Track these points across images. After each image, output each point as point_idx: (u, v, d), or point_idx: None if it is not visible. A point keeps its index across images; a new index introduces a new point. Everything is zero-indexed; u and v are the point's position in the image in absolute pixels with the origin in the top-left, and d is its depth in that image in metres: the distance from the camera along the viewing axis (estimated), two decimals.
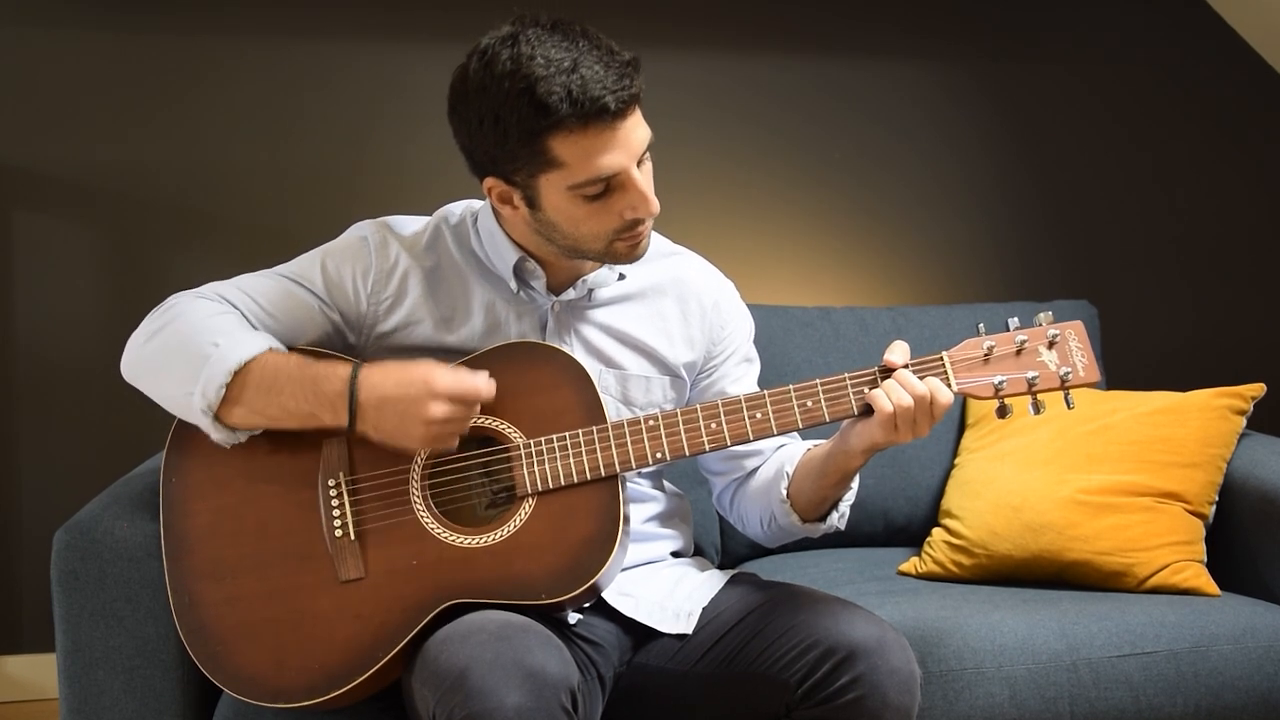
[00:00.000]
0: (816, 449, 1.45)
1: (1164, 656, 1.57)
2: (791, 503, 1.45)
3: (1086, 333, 1.35)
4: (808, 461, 1.44)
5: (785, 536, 1.52)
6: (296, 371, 1.31)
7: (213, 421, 1.31)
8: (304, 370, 1.31)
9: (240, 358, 1.29)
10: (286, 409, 1.31)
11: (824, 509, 1.45)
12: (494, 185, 1.35)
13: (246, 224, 2.48)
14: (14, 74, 2.40)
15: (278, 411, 1.31)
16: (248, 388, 1.30)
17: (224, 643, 1.31)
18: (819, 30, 2.68)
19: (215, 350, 1.30)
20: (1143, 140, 2.80)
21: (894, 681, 1.26)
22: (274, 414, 1.31)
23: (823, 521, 1.46)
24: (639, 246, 1.37)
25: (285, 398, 1.30)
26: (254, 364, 1.30)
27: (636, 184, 1.31)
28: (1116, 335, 2.48)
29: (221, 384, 1.29)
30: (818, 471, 1.41)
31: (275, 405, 1.31)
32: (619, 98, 1.25)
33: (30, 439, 2.44)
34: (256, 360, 1.30)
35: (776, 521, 1.48)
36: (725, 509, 1.60)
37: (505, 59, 1.26)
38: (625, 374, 1.47)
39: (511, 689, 1.15)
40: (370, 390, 1.29)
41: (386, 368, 1.31)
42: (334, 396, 1.30)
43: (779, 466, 1.48)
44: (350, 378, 1.30)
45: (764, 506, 1.49)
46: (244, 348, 1.31)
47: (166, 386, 1.33)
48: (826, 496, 1.43)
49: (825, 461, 1.40)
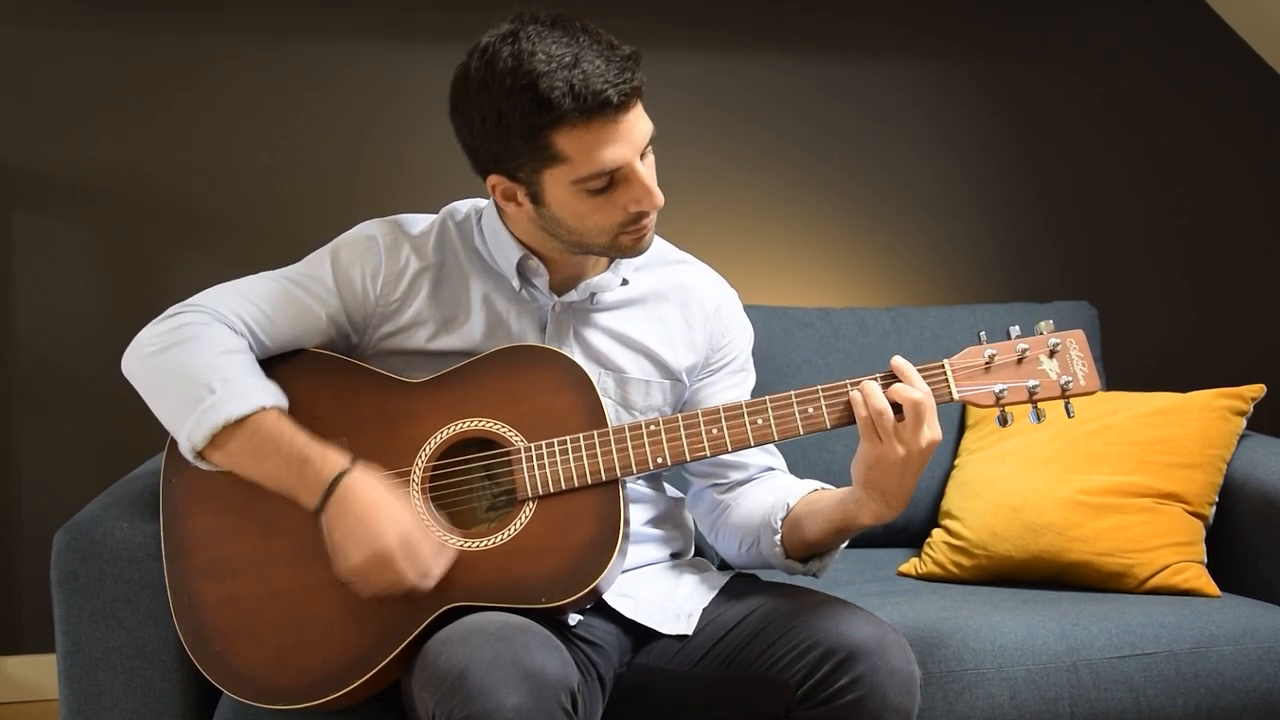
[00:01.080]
0: (824, 494, 1.43)
1: (1164, 657, 1.57)
2: (784, 536, 1.43)
3: (1087, 341, 1.35)
4: (812, 502, 1.42)
5: (760, 565, 1.50)
6: (286, 447, 1.30)
7: (194, 457, 1.32)
8: (294, 447, 1.30)
9: (233, 414, 1.29)
10: (267, 475, 1.31)
11: (809, 553, 1.44)
12: (498, 183, 1.35)
13: (247, 224, 2.48)
14: (14, 74, 2.40)
15: (257, 474, 1.31)
16: (234, 441, 1.30)
17: (224, 643, 1.31)
18: (819, 30, 2.68)
19: (211, 396, 1.29)
20: (1143, 141, 2.80)
21: (894, 682, 1.26)
22: (253, 475, 1.31)
23: (803, 563, 1.45)
24: (644, 239, 1.37)
25: (268, 467, 1.30)
26: (247, 422, 1.29)
27: (640, 177, 1.31)
28: (1116, 336, 2.48)
29: (209, 434, 1.29)
30: (822, 516, 1.39)
31: (256, 469, 1.31)
32: (621, 91, 1.26)
33: (30, 439, 2.44)
34: (250, 419, 1.29)
35: (759, 548, 1.46)
36: (699, 514, 1.58)
37: (506, 56, 1.26)
38: (625, 377, 1.47)
39: (511, 690, 1.15)
40: (345, 496, 1.28)
41: (375, 487, 1.29)
42: (315, 485, 1.29)
43: (777, 498, 1.45)
44: (337, 477, 1.28)
45: (748, 531, 1.47)
46: (240, 402, 1.29)
47: (159, 405, 1.34)
48: (818, 541, 1.41)
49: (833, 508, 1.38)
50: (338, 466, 1.29)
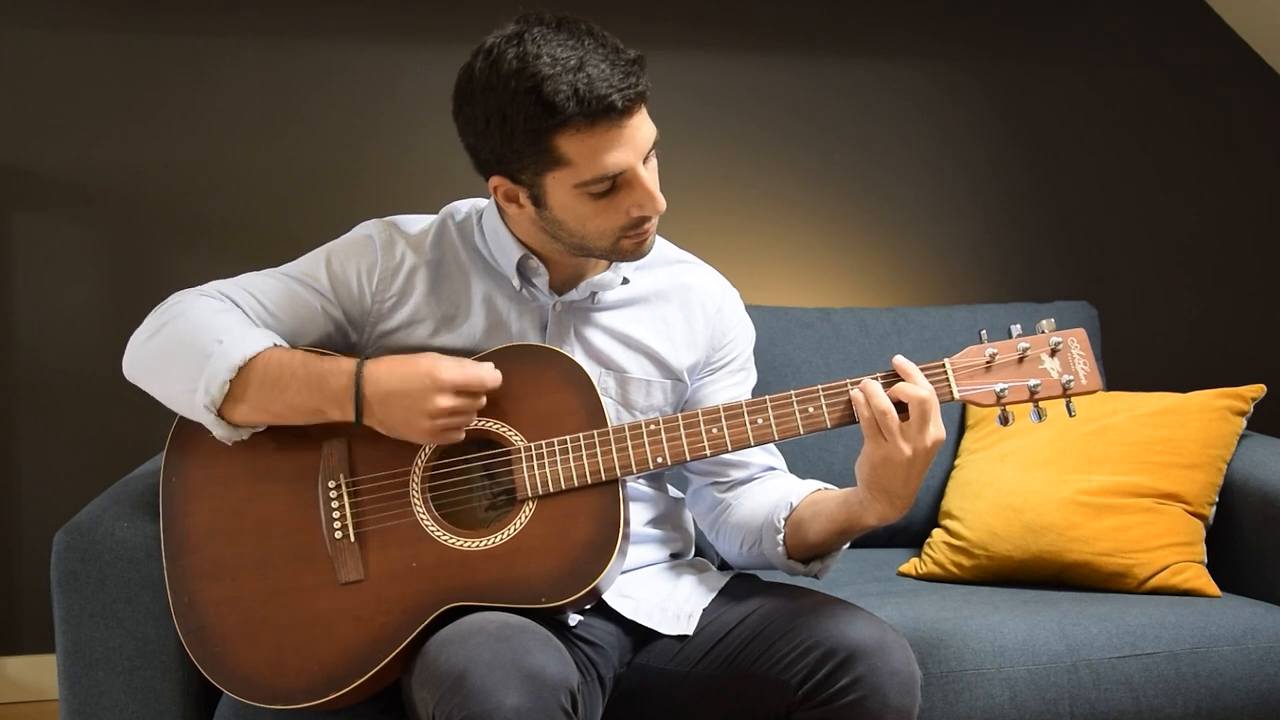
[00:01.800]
0: (827, 494, 1.42)
1: (1164, 658, 1.57)
2: (786, 536, 1.43)
3: (1089, 340, 1.35)
4: (815, 502, 1.42)
5: (762, 565, 1.50)
6: (301, 368, 1.31)
7: (216, 418, 1.31)
8: (309, 367, 1.31)
9: (244, 354, 1.29)
10: (292, 405, 1.31)
11: (811, 554, 1.44)
12: (500, 184, 1.35)
13: (247, 224, 2.48)
14: (14, 74, 2.40)
15: (283, 408, 1.31)
16: (251, 384, 1.30)
17: (224, 644, 1.31)
18: (819, 30, 2.68)
19: (218, 347, 1.30)
20: (1143, 141, 2.80)
21: (894, 683, 1.26)
22: (279, 410, 1.31)
23: (805, 565, 1.45)
24: (645, 244, 1.37)
25: (290, 394, 1.30)
26: (258, 360, 1.30)
27: (643, 181, 1.31)
28: (1117, 336, 2.48)
29: (225, 380, 1.29)
30: (825, 515, 1.39)
31: (280, 402, 1.31)
32: (625, 96, 1.25)
33: (30, 439, 2.44)
34: (260, 357, 1.30)
35: (760, 548, 1.46)
36: (699, 512, 1.57)
37: (511, 58, 1.26)
38: (626, 376, 1.47)
39: (511, 690, 1.15)
40: (375, 384, 1.30)
41: (391, 362, 1.32)
42: (340, 392, 1.30)
43: (780, 497, 1.45)
44: (355, 373, 1.30)
45: (750, 531, 1.47)
46: (247, 344, 1.31)
47: (169, 384, 1.33)
48: (823, 542, 1.41)
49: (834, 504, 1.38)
50: (351, 366, 1.31)
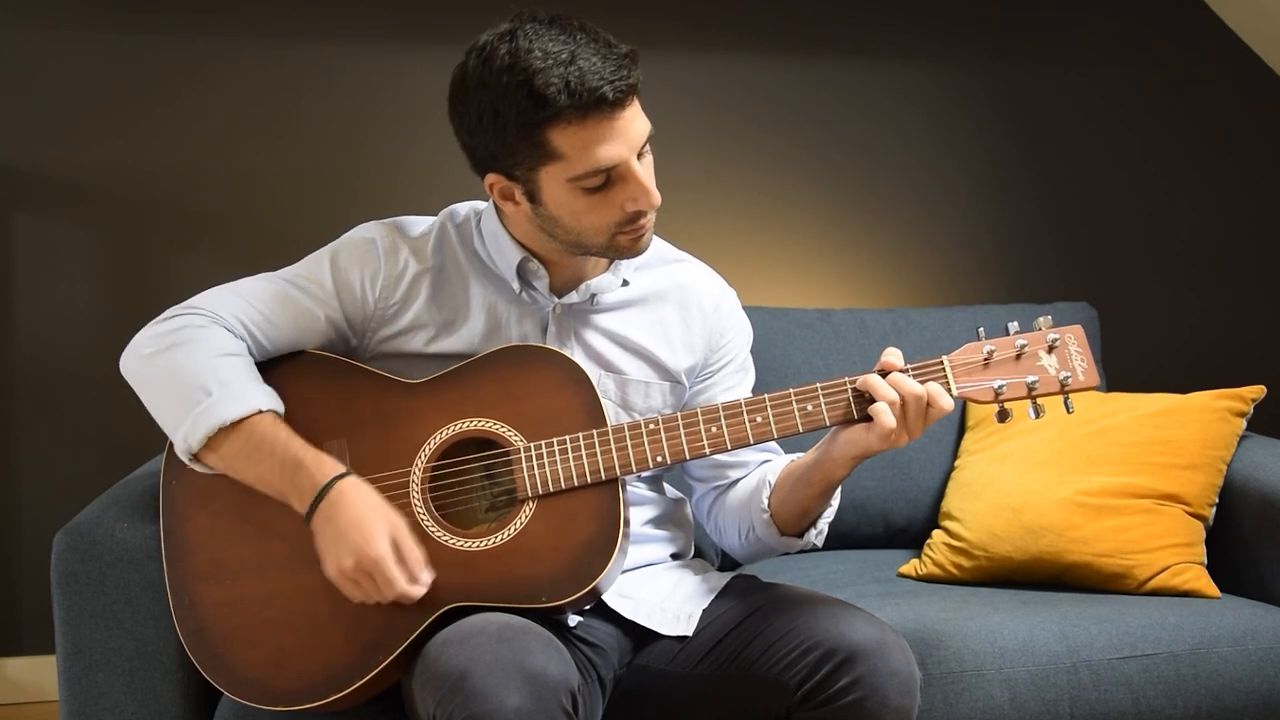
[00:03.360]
0: (800, 459, 1.44)
1: (1164, 659, 1.57)
2: (773, 514, 1.44)
3: (1086, 336, 1.35)
4: (791, 470, 1.43)
5: (763, 550, 1.51)
6: (282, 450, 1.30)
7: (189, 459, 1.33)
8: (289, 452, 1.30)
9: (228, 417, 1.29)
10: (259, 478, 1.31)
11: (804, 523, 1.44)
12: (495, 181, 1.35)
13: (246, 225, 2.48)
14: (14, 74, 2.40)
15: (251, 478, 1.31)
16: (229, 444, 1.30)
17: (224, 645, 1.31)
18: (819, 31, 2.68)
19: (208, 399, 1.29)
20: (1142, 142, 2.80)
21: (894, 683, 1.26)
22: (246, 476, 1.32)
23: (800, 537, 1.46)
24: (642, 240, 1.37)
25: (262, 469, 1.30)
26: (243, 425, 1.30)
27: (637, 175, 1.31)
28: (1116, 337, 2.48)
29: (204, 436, 1.29)
30: (801, 479, 1.40)
31: (250, 471, 1.31)
32: (617, 88, 1.26)
33: (30, 441, 2.44)
34: (246, 422, 1.30)
35: (755, 533, 1.47)
36: (704, 517, 1.59)
37: (503, 53, 1.27)
38: (625, 379, 1.47)
39: (511, 691, 1.15)
40: (334, 502, 1.27)
41: (364, 496, 1.29)
42: (306, 491, 1.29)
43: (761, 478, 1.47)
44: (327, 485, 1.28)
45: (743, 518, 1.48)
46: (236, 405, 1.30)
47: (155, 407, 1.34)
48: (809, 508, 1.42)
49: (809, 470, 1.39)
50: (332, 471, 1.29)
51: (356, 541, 1.25)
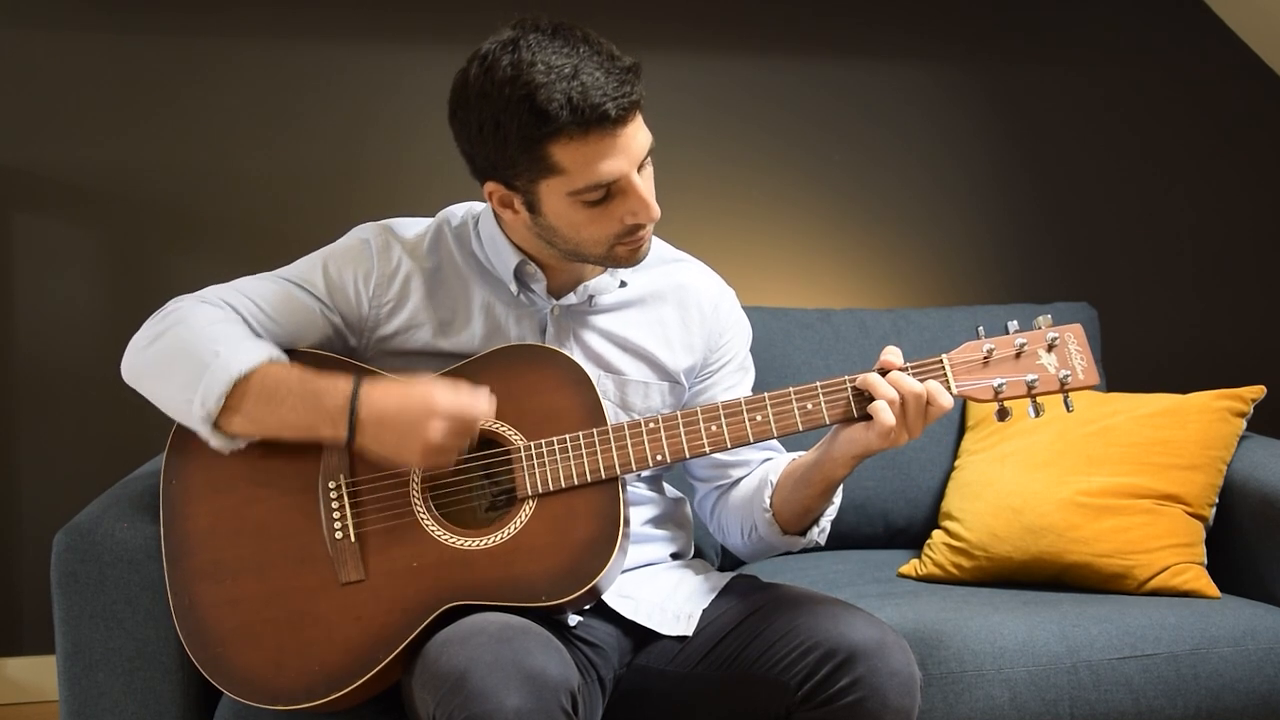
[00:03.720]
0: (801, 458, 1.44)
1: (1164, 659, 1.57)
2: (774, 513, 1.44)
3: (1085, 335, 1.35)
4: (792, 470, 1.43)
5: (765, 549, 1.51)
6: (298, 385, 1.30)
7: (211, 429, 1.31)
8: (305, 384, 1.30)
9: (241, 367, 1.29)
10: (286, 421, 1.30)
11: (806, 521, 1.45)
12: (495, 189, 1.35)
13: (246, 225, 2.48)
14: (14, 74, 2.40)
15: (277, 423, 1.31)
16: (248, 397, 1.29)
17: (224, 645, 1.31)
18: (819, 31, 2.68)
19: (216, 359, 1.29)
20: (1143, 142, 2.80)
21: (894, 684, 1.26)
22: (273, 425, 1.31)
23: (803, 535, 1.46)
24: (640, 251, 1.37)
25: (285, 410, 1.30)
26: (255, 374, 1.30)
27: (637, 190, 1.31)
28: (1116, 337, 2.48)
29: (221, 393, 1.28)
30: (802, 479, 1.40)
31: (274, 417, 1.30)
32: (619, 105, 1.25)
33: (30, 441, 2.44)
34: (258, 370, 1.30)
35: (758, 532, 1.47)
36: (706, 517, 1.59)
37: (506, 65, 1.26)
38: (624, 379, 1.47)
39: (511, 691, 1.15)
40: (371, 407, 1.28)
41: (388, 385, 1.30)
42: (335, 411, 1.29)
43: (763, 477, 1.47)
44: (352, 393, 1.29)
45: (745, 516, 1.48)
46: (245, 357, 1.30)
47: (166, 391, 1.33)
48: (810, 508, 1.42)
49: (810, 469, 1.39)
50: (348, 386, 1.29)
51: (416, 414, 1.26)
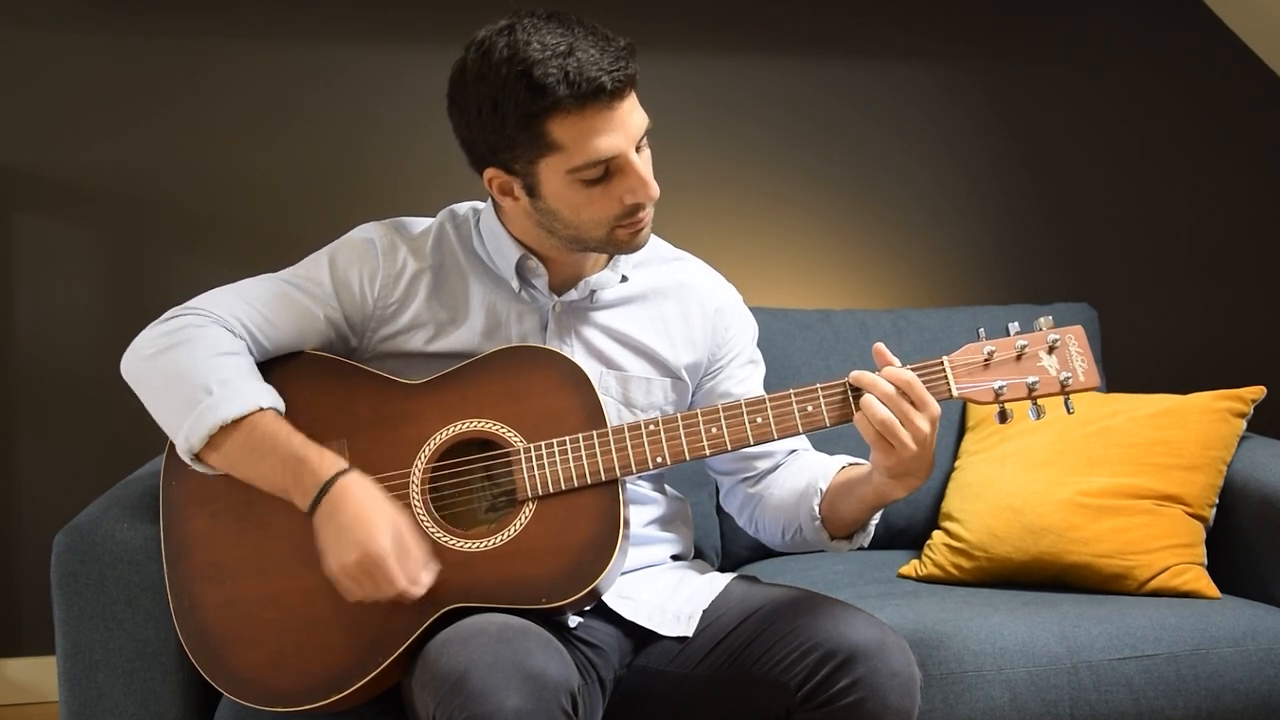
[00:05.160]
0: (854, 472, 1.42)
1: (1164, 659, 1.57)
2: (824, 520, 1.44)
3: (1086, 337, 1.35)
4: (844, 483, 1.42)
5: (805, 548, 1.51)
6: (283, 448, 1.29)
7: (192, 459, 1.32)
8: (291, 448, 1.29)
9: (229, 415, 1.29)
10: (261, 475, 1.30)
11: (853, 528, 1.45)
12: (494, 176, 1.36)
13: (246, 225, 2.48)
14: (14, 74, 2.40)
15: (253, 475, 1.31)
16: (230, 442, 1.30)
17: (224, 646, 1.31)
18: (819, 31, 2.68)
19: (209, 398, 1.29)
20: (1143, 142, 2.80)
21: (894, 684, 1.26)
22: (248, 475, 1.31)
23: (849, 539, 1.46)
24: (640, 234, 1.37)
25: (264, 467, 1.30)
26: (244, 423, 1.29)
27: (635, 168, 1.31)
28: (1117, 338, 2.48)
29: (205, 434, 1.29)
30: (856, 498, 1.39)
31: (251, 469, 1.31)
32: (615, 78, 1.26)
33: (30, 441, 2.44)
34: (246, 420, 1.29)
35: (802, 534, 1.47)
36: (735, 510, 1.59)
37: (502, 47, 1.28)
38: (626, 375, 1.47)
39: (511, 691, 1.15)
40: (336, 497, 1.27)
41: (368, 494, 1.28)
42: (309, 487, 1.28)
43: (811, 482, 1.45)
44: (330, 480, 1.28)
45: (790, 520, 1.48)
46: (237, 403, 1.29)
47: (157, 408, 1.34)
48: (859, 518, 1.42)
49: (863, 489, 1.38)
50: (334, 467, 1.29)
51: (359, 538, 1.25)
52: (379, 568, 1.24)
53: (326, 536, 1.27)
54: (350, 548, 1.25)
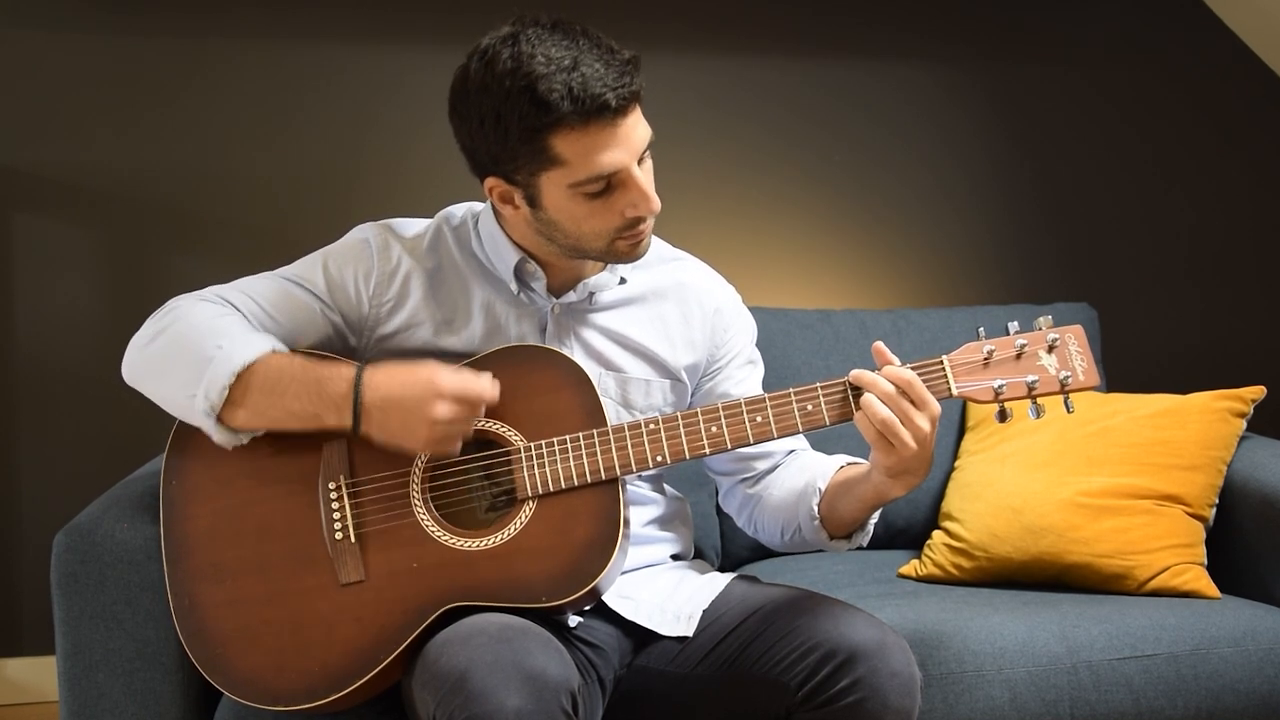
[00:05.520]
0: (852, 472, 1.43)
1: (1164, 659, 1.57)
2: (823, 520, 1.44)
3: (1086, 336, 1.35)
4: (843, 483, 1.42)
5: (803, 547, 1.51)
6: (300, 373, 1.31)
7: (215, 423, 1.31)
8: (308, 372, 1.31)
9: (244, 359, 1.29)
10: (290, 410, 1.30)
11: (852, 528, 1.45)
12: (495, 185, 1.36)
13: (246, 225, 2.48)
14: (14, 74, 2.40)
15: (281, 413, 1.31)
16: (251, 389, 1.30)
17: (224, 645, 1.31)
18: (819, 31, 2.68)
19: (219, 352, 1.29)
20: (1142, 141, 2.80)
21: (894, 684, 1.26)
22: (277, 415, 1.31)
23: (848, 539, 1.46)
24: (640, 245, 1.37)
25: (289, 399, 1.30)
26: (258, 365, 1.30)
27: (637, 182, 1.31)
28: (1116, 338, 2.48)
29: (225, 385, 1.29)
30: (855, 496, 1.39)
31: (278, 407, 1.30)
32: (619, 95, 1.26)
33: (30, 441, 2.44)
34: (260, 361, 1.30)
35: (801, 533, 1.47)
36: (734, 511, 1.59)
37: (506, 58, 1.27)
38: (625, 377, 1.47)
39: (512, 691, 1.15)
40: (375, 391, 1.29)
41: (391, 369, 1.31)
42: (338, 398, 1.30)
43: (809, 482, 1.46)
44: (355, 378, 1.30)
45: (789, 519, 1.48)
46: (247, 349, 1.30)
47: (169, 388, 1.33)
48: (858, 518, 1.42)
49: (862, 487, 1.38)
50: (351, 370, 1.30)
51: (421, 396, 1.28)
52: (460, 393, 1.28)
53: (394, 426, 1.29)
54: (423, 409, 1.27)
